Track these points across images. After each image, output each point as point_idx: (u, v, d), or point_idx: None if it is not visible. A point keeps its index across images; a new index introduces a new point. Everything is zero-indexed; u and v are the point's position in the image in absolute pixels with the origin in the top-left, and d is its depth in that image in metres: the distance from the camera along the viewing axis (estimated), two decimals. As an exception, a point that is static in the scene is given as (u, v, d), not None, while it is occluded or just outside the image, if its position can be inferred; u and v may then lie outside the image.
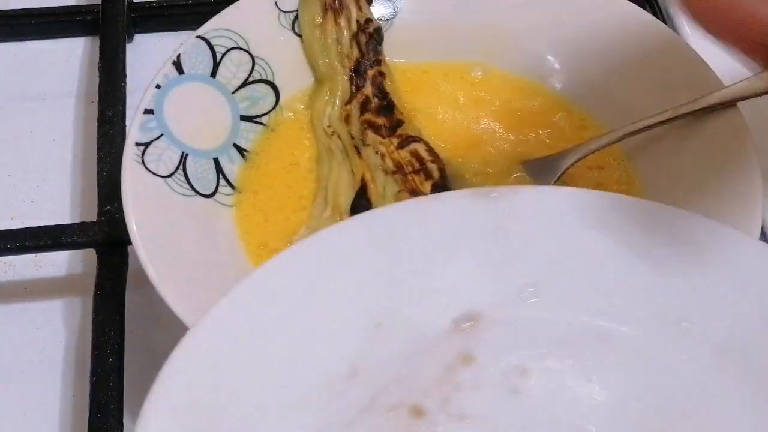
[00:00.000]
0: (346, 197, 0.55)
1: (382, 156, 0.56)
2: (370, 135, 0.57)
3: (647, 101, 0.57)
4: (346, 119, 0.59)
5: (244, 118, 0.58)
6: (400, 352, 0.43)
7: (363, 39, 0.60)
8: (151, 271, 0.48)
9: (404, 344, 0.43)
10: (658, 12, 0.70)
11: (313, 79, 0.61)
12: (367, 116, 0.58)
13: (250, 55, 0.59)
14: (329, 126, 0.59)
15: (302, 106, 0.60)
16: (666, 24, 0.65)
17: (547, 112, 0.60)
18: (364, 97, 0.59)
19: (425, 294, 0.44)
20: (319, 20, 0.60)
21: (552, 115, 0.60)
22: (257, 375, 0.41)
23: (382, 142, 0.57)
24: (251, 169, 0.57)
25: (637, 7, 0.61)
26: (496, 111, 0.60)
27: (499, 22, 0.62)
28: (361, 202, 0.54)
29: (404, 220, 0.45)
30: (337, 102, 0.59)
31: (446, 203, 0.46)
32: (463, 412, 0.42)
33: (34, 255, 0.57)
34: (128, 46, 0.67)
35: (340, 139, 0.58)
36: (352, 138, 0.58)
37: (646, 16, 0.61)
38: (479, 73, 0.62)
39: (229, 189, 0.56)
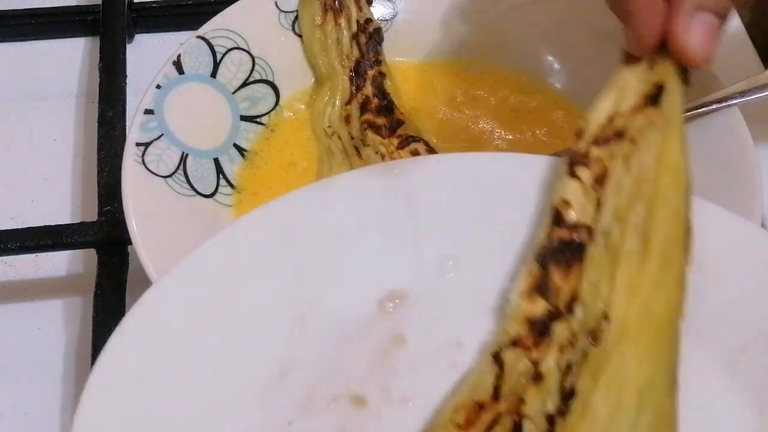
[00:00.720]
0: (346, 197, 0.55)
1: (383, 156, 0.56)
2: (370, 135, 0.57)
3: (647, 101, 0.57)
4: (346, 119, 0.59)
5: (244, 118, 0.58)
6: (330, 341, 0.42)
7: (363, 39, 0.60)
8: (151, 271, 0.48)
9: (333, 333, 0.42)
10: (657, 12, 0.70)
11: (313, 79, 0.61)
12: (367, 116, 0.58)
13: (250, 55, 0.59)
14: (329, 126, 0.59)
15: (302, 106, 0.60)
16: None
17: (546, 111, 0.60)
18: (364, 97, 0.59)
19: (345, 279, 0.43)
20: (319, 20, 0.60)
21: (551, 114, 0.60)
22: (187, 389, 0.39)
23: (383, 143, 0.57)
24: (251, 169, 0.57)
25: (637, 6, 0.61)
26: (494, 109, 0.60)
27: (498, 21, 0.62)
28: (361, 202, 0.54)
29: (305, 207, 0.43)
30: (337, 102, 0.59)
31: (346, 185, 0.44)
32: (405, 394, 0.41)
33: (34, 255, 0.57)
34: (128, 46, 0.67)
35: (340, 139, 0.58)
36: (352, 138, 0.58)
37: (645, 15, 0.61)
38: (477, 71, 0.62)
39: (229, 189, 0.56)
